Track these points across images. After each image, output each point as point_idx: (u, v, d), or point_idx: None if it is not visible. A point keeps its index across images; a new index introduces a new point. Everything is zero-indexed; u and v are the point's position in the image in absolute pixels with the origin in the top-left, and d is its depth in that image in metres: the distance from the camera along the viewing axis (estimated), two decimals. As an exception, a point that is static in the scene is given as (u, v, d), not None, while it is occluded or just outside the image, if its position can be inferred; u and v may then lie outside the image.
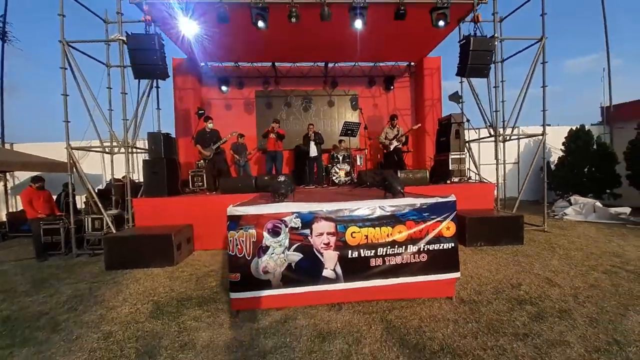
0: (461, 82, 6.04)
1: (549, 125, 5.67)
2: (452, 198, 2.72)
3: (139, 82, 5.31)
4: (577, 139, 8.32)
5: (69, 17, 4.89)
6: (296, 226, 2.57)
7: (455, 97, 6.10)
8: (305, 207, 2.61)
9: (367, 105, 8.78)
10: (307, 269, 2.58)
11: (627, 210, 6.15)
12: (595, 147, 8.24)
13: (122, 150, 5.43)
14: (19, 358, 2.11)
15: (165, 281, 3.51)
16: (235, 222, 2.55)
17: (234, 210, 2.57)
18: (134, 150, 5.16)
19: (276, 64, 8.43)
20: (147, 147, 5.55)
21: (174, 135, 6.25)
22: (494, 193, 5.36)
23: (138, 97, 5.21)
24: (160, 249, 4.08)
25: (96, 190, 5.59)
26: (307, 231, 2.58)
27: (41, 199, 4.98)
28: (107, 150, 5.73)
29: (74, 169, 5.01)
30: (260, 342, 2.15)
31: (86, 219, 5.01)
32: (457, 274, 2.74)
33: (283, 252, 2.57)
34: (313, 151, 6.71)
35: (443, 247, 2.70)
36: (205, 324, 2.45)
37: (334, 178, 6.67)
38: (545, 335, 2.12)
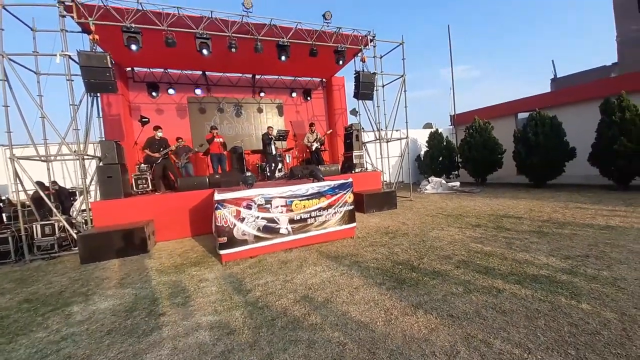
0: (358, 100, 8.44)
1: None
2: (350, 180, 4.75)
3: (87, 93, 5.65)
4: (434, 138, 12.09)
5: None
6: (262, 203, 4.12)
7: (354, 112, 8.52)
8: (266, 191, 4.18)
9: (290, 111, 10.56)
10: (270, 229, 4.18)
11: (457, 183, 9.77)
12: (445, 143, 12.15)
13: (68, 157, 5.71)
14: (78, 307, 3.02)
15: (150, 261, 4.49)
16: (221, 204, 3.93)
17: (220, 196, 3.94)
18: (86, 157, 5.54)
19: (206, 72, 9.29)
20: (96, 155, 5.93)
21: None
22: (381, 178, 7.93)
23: (87, 108, 5.58)
24: (134, 240, 4.91)
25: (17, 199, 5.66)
26: (269, 205, 4.17)
27: (-22, 211, 4.93)
28: (42, 158, 5.82)
29: (17, 179, 5.11)
30: (248, 271, 3.67)
31: (34, 225, 5.19)
32: (355, 224, 4.80)
33: (254, 220, 4.09)
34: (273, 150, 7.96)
35: (347, 209, 4.71)
36: (207, 271, 3.78)
37: (268, 174, 8.19)
38: (394, 243, 4.33)
